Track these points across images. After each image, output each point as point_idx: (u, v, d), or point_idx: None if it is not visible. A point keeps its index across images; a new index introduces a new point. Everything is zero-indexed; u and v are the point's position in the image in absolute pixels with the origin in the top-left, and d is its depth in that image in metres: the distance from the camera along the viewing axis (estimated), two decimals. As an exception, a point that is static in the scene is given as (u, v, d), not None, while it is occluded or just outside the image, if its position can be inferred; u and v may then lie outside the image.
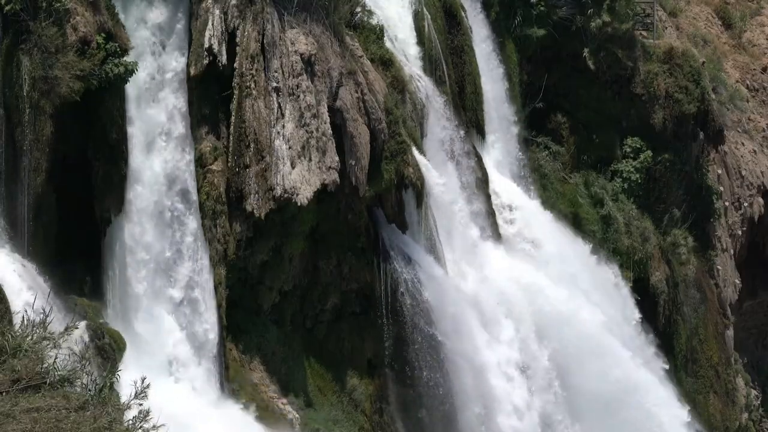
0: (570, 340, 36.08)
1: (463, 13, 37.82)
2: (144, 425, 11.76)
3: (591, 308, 37.41)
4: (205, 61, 28.25)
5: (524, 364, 34.38)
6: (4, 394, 11.94)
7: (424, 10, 35.84)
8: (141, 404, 12.13)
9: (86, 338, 23.94)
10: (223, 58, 28.40)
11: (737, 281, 47.16)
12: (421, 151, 33.52)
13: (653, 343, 40.32)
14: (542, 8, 39.91)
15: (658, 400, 38.24)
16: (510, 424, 33.49)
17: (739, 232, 47.86)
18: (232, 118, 28.60)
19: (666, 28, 47.31)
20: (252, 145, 28.54)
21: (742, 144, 49.11)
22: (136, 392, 11.98)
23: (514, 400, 33.73)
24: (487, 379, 33.32)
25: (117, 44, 25.77)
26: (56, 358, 12.82)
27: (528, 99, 40.84)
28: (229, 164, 28.58)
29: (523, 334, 34.81)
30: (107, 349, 24.67)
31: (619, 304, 39.74)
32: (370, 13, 33.32)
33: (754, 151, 49.56)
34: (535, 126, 41.27)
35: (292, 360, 30.50)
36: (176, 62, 28.16)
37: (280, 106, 28.99)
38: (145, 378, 12.34)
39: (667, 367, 40.23)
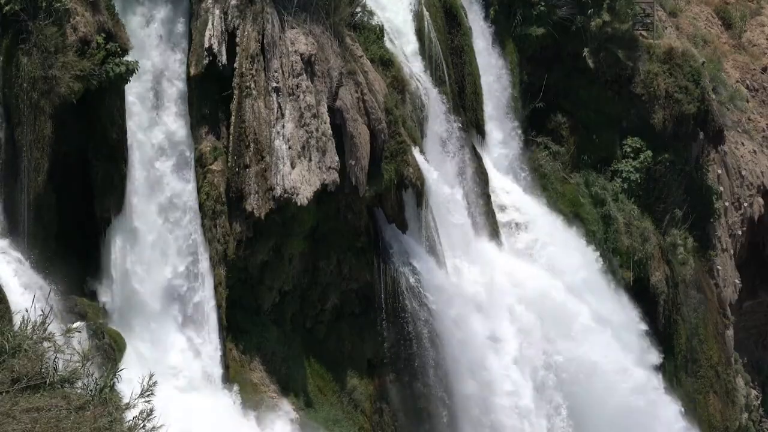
0: (571, 340, 36.09)
1: (463, 13, 37.81)
2: (147, 424, 11.72)
3: (590, 308, 37.43)
4: (205, 61, 28.24)
5: (525, 363, 34.36)
6: (4, 394, 11.92)
7: (424, 10, 35.83)
8: (148, 401, 12.06)
9: (86, 338, 23.93)
10: (223, 58, 28.39)
11: (737, 281, 47.14)
12: (421, 151, 33.50)
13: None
14: (542, 8, 39.90)
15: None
16: (511, 424, 33.46)
17: (739, 232, 47.84)
18: (232, 118, 28.59)
19: (666, 28, 47.29)
20: (252, 145, 28.53)
21: (742, 144, 49.09)
22: (141, 390, 11.92)
23: (515, 399, 33.70)
24: (488, 379, 33.30)
25: (117, 44, 25.76)
26: (56, 358, 12.79)
27: (528, 99, 40.83)
28: (229, 164, 28.57)
29: (524, 334, 34.79)
30: (107, 349, 24.67)
31: (617, 304, 39.75)
32: (371, 13, 33.32)
33: (754, 151, 49.55)
34: (535, 126, 41.25)
35: (292, 360, 30.48)
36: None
37: (280, 106, 28.98)
38: (152, 375, 12.26)
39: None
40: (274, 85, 28.92)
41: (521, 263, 36.89)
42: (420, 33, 35.65)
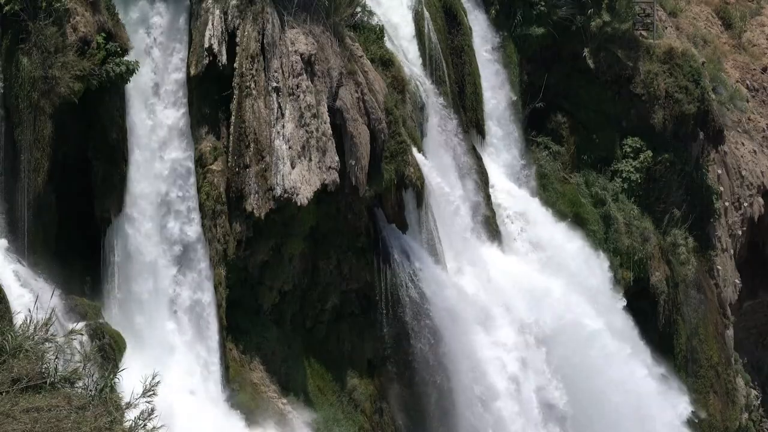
0: (570, 341, 36.09)
1: (463, 13, 37.82)
2: (147, 424, 11.71)
3: (591, 310, 37.43)
4: (205, 61, 28.23)
5: (524, 363, 34.35)
6: (4, 394, 11.92)
7: (424, 10, 35.84)
8: (150, 401, 12.04)
9: (86, 338, 23.91)
10: (223, 58, 28.37)
11: (737, 281, 47.16)
12: (421, 151, 33.51)
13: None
14: (542, 8, 39.91)
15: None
16: (510, 423, 33.45)
17: (739, 232, 47.86)
18: (232, 118, 28.57)
19: (666, 28, 47.32)
20: (252, 145, 28.52)
21: (742, 144, 49.11)
22: (144, 390, 11.91)
23: (515, 399, 33.69)
24: (488, 378, 33.29)
25: (117, 44, 25.76)
26: (56, 358, 12.79)
27: (528, 99, 40.83)
28: (229, 164, 28.56)
29: (522, 334, 34.77)
30: (107, 349, 24.66)
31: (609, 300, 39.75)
32: (370, 13, 33.32)
33: (754, 151, 49.57)
34: (535, 126, 41.26)
35: (292, 360, 30.48)
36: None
37: (280, 106, 28.97)
38: (156, 375, 12.24)
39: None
40: (274, 85, 28.92)
41: (520, 263, 36.89)
42: (420, 33, 35.65)
